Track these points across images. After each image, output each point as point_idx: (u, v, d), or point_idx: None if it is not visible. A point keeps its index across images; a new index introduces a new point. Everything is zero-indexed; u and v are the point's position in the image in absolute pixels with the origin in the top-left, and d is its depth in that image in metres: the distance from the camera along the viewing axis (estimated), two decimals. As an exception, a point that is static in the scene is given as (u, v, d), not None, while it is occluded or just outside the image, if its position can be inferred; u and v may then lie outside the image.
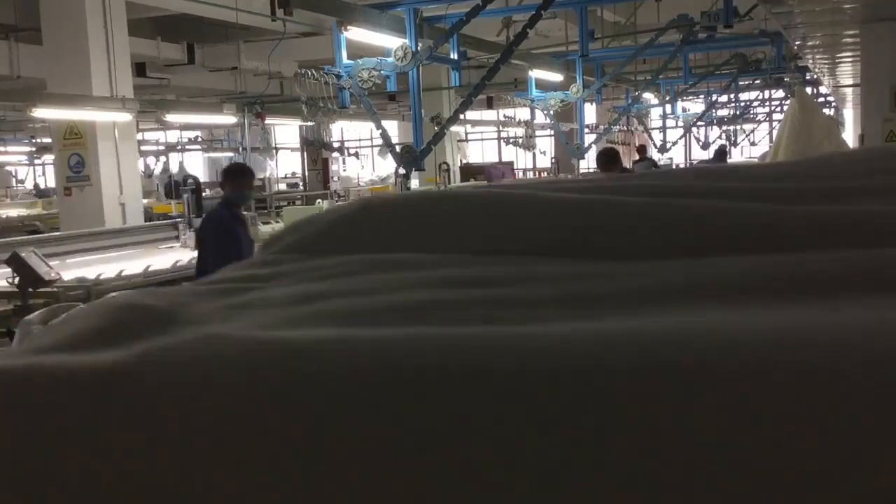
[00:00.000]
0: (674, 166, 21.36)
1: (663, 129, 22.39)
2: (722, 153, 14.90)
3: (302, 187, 23.33)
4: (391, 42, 8.58)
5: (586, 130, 16.00)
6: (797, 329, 0.86)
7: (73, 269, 7.55)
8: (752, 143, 28.46)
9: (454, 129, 25.70)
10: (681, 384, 0.79)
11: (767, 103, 24.60)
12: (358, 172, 31.29)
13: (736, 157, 31.05)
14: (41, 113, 9.73)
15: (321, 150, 20.86)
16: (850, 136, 19.51)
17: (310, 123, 15.25)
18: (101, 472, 0.87)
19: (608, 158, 8.47)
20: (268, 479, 0.82)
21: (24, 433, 0.89)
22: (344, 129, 28.47)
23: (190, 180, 9.94)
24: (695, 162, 21.12)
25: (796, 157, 6.42)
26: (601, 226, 1.29)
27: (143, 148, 23.60)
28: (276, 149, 28.43)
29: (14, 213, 18.66)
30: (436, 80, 17.83)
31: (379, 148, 8.99)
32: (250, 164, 16.59)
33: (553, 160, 15.84)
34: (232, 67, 15.47)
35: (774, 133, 19.08)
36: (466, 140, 32.36)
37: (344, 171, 29.63)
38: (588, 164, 20.62)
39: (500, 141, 31.56)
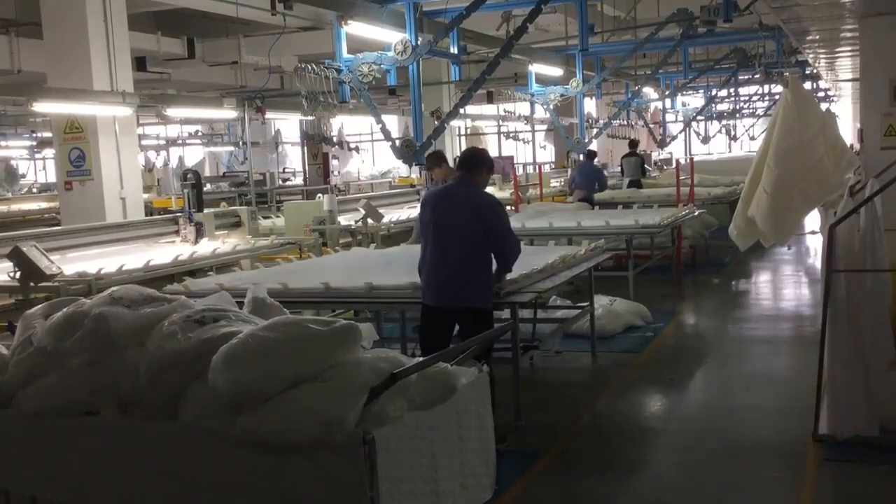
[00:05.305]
0: (673, 162, 21.37)
1: (663, 123, 22.37)
2: (591, 155, 14.90)
3: (302, 182, 23.36)
4: (391, 36, 8.59)
5: (586, 125, 15.99)
6: None
7: (75, 264, 7.58)
8: (752, 138, 28.45)
9: (472, 123, 25.71)
10: None
11: (767, 98, 24.59)
12: (358, 167, 31.30)
13: (735, 151, 31.09)
14: (42, 107, 9.74)
15: (321, 145, 20.89)
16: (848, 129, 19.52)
17: (310, 118, 15.25)
18: None
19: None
20: None
21: None
22: (344, 124, 28.44)
23: (190, 175, 9.94)
24: (695, 157, 21.05)
25: (789, 154, 6.38)
26: None
27: (144, 142, 23.62)
28: (278, 144, 28.47)
29: (34, 205, 18.89)
30: (436, 75, 17.82)
31: (390, 143, 8.97)
32: (251, 159, 16.65)
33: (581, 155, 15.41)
34: (232, 62, 15.46)
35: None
36: (485, 133, 32.33)
37: (345, 169, 29.69)
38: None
39: (500, 135, 31.56)
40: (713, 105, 22.85)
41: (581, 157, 14.92)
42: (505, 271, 5.72)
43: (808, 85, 18.69)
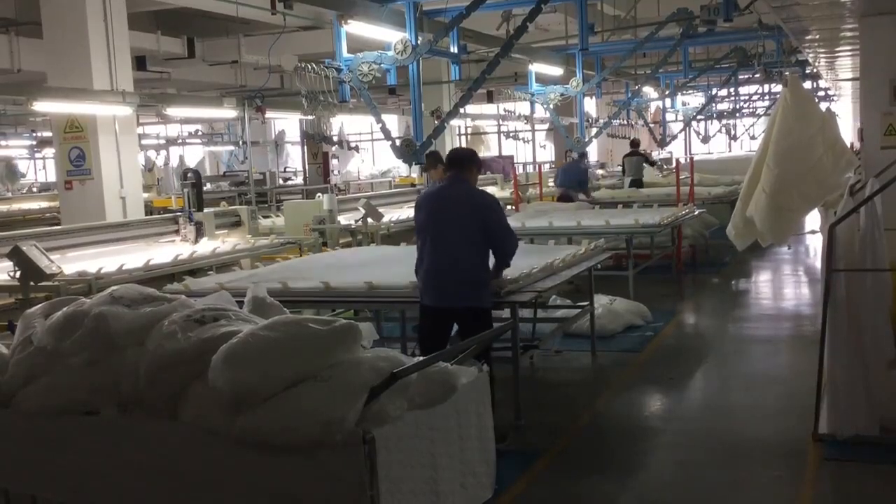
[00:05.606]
0: (674, 161, 21.37)
1: (663, 123, 22.34)
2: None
3: (302, 182, 23.35)
4: (391, 36, 8.58)
5: (586, 124, 15.98)
6: None
7: (75, 263, 7.58)
8: (752, 137, 28.43)
9: (472, 122, 25.71)
10: None
11: (767, 97, 24.58)
12: (358, 167, 31.29)
13: (735, 151, 31.08)
14: (42, 107, 9.73)
15: (321, 144, 20.90)
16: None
17: (310, 117, 15.25)
18: None
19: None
20: None
21: None
22: (344, 123, 28.43)
23: (190, 174, 9.93)
24: (695, 156, 21.03)
25: (788, 154, 6.38)
26: None
27: (144, 142, 23.61)
28: (278, 143, 28.47)
29: (34, 205, 18.91)
30: (436, 74, 17.81)
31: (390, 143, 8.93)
32: (251, 158, 16.66)
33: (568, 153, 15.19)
34: (232, 61, 15.47)
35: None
36: (485, 133, 32.35)
37: (345, 168, 29.69)
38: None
39: (500, 135, 31.55)
40: (713, 104, 22.83)
41: (575, 155, 14.96)
42: (503, 267, 5.74)
43: (808, 84, 18.67)
